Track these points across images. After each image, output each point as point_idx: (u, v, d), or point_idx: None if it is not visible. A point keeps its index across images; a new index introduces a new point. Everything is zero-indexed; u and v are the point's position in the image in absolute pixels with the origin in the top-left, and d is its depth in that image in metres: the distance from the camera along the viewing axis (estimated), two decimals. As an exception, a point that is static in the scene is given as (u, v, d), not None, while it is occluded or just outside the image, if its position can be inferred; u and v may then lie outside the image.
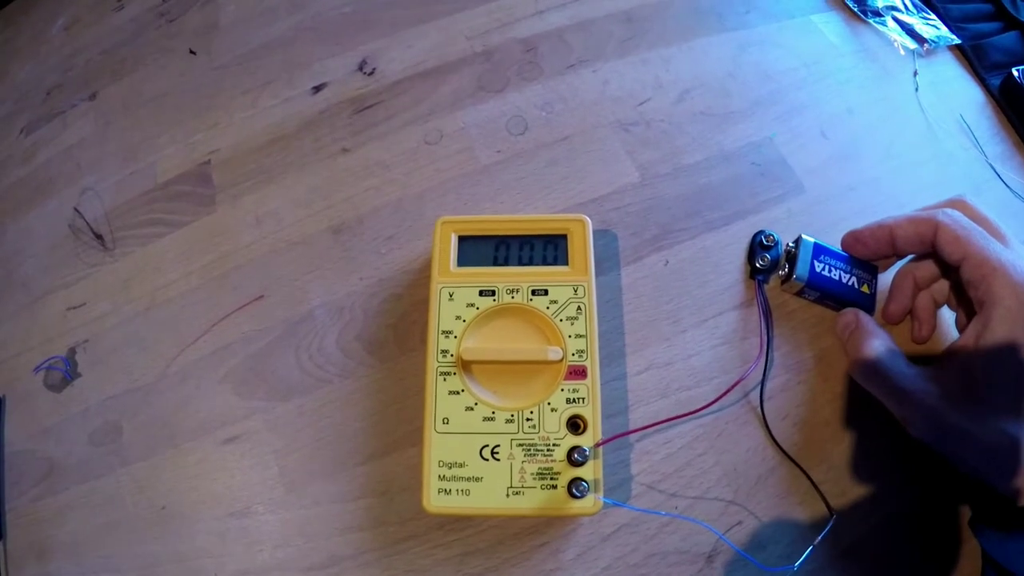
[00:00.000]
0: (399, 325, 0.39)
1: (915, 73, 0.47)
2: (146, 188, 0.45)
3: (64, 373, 0.41)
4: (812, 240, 0.37)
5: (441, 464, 0.33)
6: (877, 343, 0.34)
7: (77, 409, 0.40)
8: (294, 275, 0.41)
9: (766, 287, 0.39)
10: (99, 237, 0.44)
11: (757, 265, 0.39)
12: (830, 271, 0.37)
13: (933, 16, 0.50)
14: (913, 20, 0.50)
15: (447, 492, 0.33)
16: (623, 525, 0.35)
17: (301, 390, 0.38)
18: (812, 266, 0.37)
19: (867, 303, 0.37)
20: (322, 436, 0.37)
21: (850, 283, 0.37)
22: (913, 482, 0.36)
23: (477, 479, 0.33)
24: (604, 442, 0.33)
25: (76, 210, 0.46)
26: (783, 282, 0.38)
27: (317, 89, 0.46)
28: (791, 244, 0.38)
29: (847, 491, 0.36)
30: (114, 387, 0.40)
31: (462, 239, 0.37)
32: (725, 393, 0.35)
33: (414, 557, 0.35)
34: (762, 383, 0.37)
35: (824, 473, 0.36)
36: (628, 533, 0.35)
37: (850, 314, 0.36)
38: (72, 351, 0.42)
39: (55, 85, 0.52)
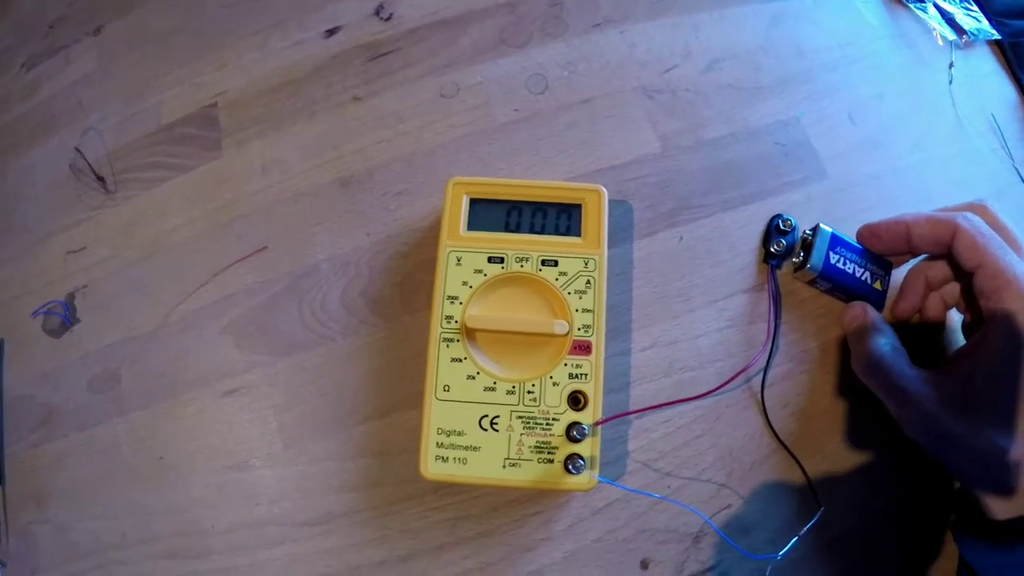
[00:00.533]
0: (405, 284, 0.37)
1: (951, 65, 0.44)
2: (150, 129, 0.43)
3: (63, 318, 0.39)
4: (830, 230, 0.35)
5: (440, 431, 0.32)
6: (882, 340, 0.32)
7: (76, 355, 0.39)
8: (300, 227, 0.38)
9: (778, 272, 0.37)
10: (101, 179, 0.41)
11: (772, 250, 0.37)
12: (844, 263, 0.35)
13: (975, 7, 0.46)
14: (954, 9, 0.46)
15: (444, 460, 0.32)
16: (615, 500, 0.34)
17: (303, 346, 0.36)
18: (827, 257, 0.35)
19: (878, 299, 0.35)
20: (322, 394, 0.36)
21: (863, 277, 0.35)
22: (903, 480, 0.35)
23: (475, 448, 0.32)
24: (603, 421, 0.31)
25: (78, 150, 0.43)
26: (796, 269, 0.36)
27: (330, 33, 0.43)
28: (808, 232, 0.36)
29: (838, 483, 0.35)
30: (113, 334, 0.39)
31: (474, 202, 0.35)
32: (728, 381, 0.34)
33: (408, 519, 0.34)
34: (765, 370, 0.35)
35: (817, 464, 0.35)
36: (619, 508, 0.34)
37: (858, 307, 0.34)
38: (71, 296, 0.40)
39: (58, 18, 0.49)
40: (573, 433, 0.31)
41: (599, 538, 0.34)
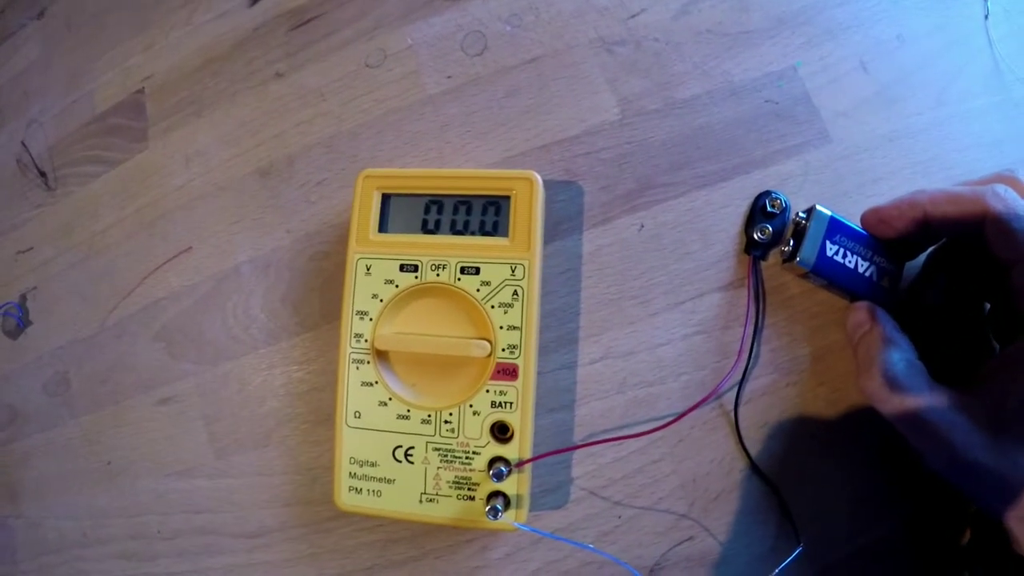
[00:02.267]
0: (324, 289, 0.30)
1: None
2: (85, 120, 0.36)
3: (17, 320, 0.35)
4: (828, 213, 0.25)
5: (352, 461, 0.26)
6: (895, 355, 0.23)
7: (31, 357, 0.35)
8: (221, 225, 0.32)
9: (763, 264, 0.28)
10: (43, 175, 0.36)
11: (755, 237, 0.27)
12: (845, 256, 0.25)
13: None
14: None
15: (358, 491, 0.26)
16: (559, 527, 0.28)
17: (228, 354, 0.31)
18: (823, 247, 0.25)
19: (885, 299, 0.26)
20: (247, 406, 0.30)
21: (868, 273, 0.25)
22: (900, 510, 0.27)
23: (389, 481, 0.26)
24: (528, 461, 0.24)
25: (23, 144, 0.38)
26: (784, 260, 0.26)
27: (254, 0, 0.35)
28: (801, 215, 0.26)
29: (822, 514, 0.27)
30: (61, 337, 0.34)
31: (386, 198, 0.27)
32: (692, 408, 0.26)
33: (340, 537, 0.29)
34: (740, 384, 0.27)
35: (798, 492, 0.27)
36: (565, 536, 0.28)
37: (863, 311, 0.25)
38: (23, 297, 0.36)
39: (7, 3, 0.42)
40: (494, 470, 0.25)
41: (539, 569, 0.27)
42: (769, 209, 0.28)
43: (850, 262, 0.25)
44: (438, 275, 0.26)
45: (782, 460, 0.27)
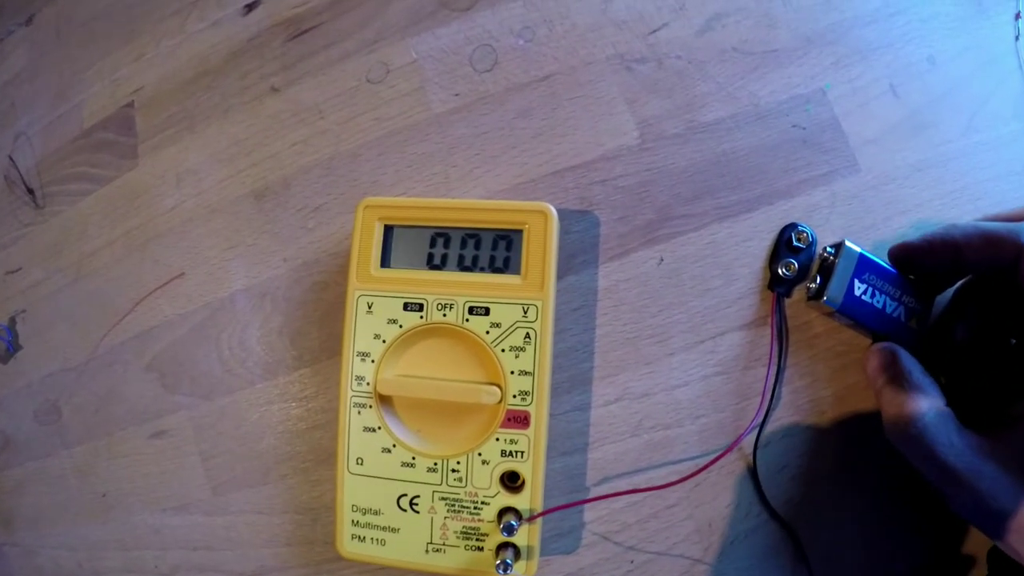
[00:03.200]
0: (324, 322, 0.27)
1: (1017, 15, 0.27)
2: (73, 134, 0.33)
3: (7, 344, 0.33)
4: (858, 250, 0.23)
5: (355, 508, 0.24)
6: (924, 403, 0.21)
7: (22, 383, 0.32)
8: (214, 250, 0.29)
9: (787, 302, 0.25)
10: (31, 192, 0.33)
11: (780, 273, 0.25)
12: (873, 295, 0.23)
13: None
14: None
15: (361, 539, 0.24)
16: (569, 575, 0.26)
17: (223, 389, 0.28)
18: (851, 286, 0.23)
19: (911, 340, 0.24)
20: (244, 443, 0.28)
21: (896, 314, 0.23)
22: (917, 552, 0.25)
23: (394, 530, 0.23)
24: (542, 514, 0.22)
25: (11, 159, 0.35)
26: (809, 297, 0.24)
27: (249, 8, 0.31)
28: (829, 250, 0.24)
29: (838, 558, 0.25)
30: (50, 364, 0.32)
31: (390, 229, 0.24)
32: (714, 461, 0.23)
33: (341, 580, 0.28)
34: (760, 427, 0.24)
35: (815, 536, 0.25)
36: (575, 583, 0.26)
37: (887, 354, 0.23)
38: (13, 320, 0.33)
39: (-3, 8, 0.39)
40: (503, 525, 0.22)
41: (549, 615, 0.26)
42: (795, 243, 0.25)
43: (878, 302, 0.23)
44: (444, 315, 0.23)
45: (799, 503, 0.25)
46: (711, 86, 0.26)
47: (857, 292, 0.23)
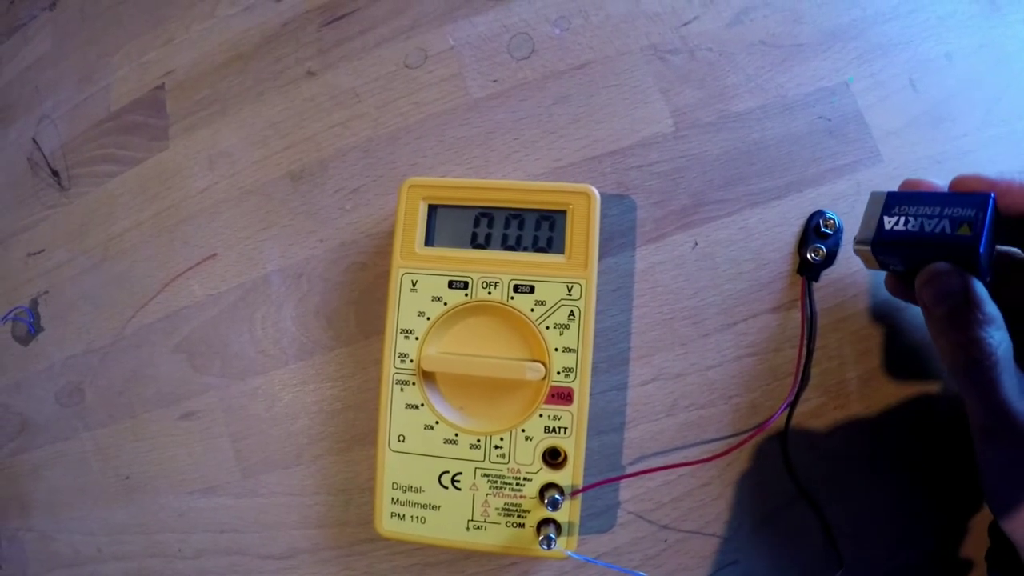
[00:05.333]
0: (361, 301, 0.27)
1: None
2: (100, 117, 0.32)
3: (28, 326, 0.31)
4: (884, 191, 0.21)
5: (395, 486, 0.23)
6: (996, 334, 0.19)
7: (42, 366, 0.31)
8: (248, 231, 0.28)
9: (815, 286, 0.25)
10: (56, 174, 0.32)
11: (808, 258, 0.24)
12: (907, 222, 0.20)
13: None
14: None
15: (401, 517, 0.23)
16: (604, 552, 0.25)
17: (256, 369, 0.27)
18: (881, 223, 0.21)
19: (968, 250, 0.19)
20: (277, 424, 0.27)
21: (938, 228, 0.20)
22: (935, 529, 0.25)
23: (435, 507, 0.23)
24: (585, 489, 0.22)
25: (34, 141, 0.33)
26: (855, 249, 0.22)
27: None
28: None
29: (863, 534, 0.25)
30: (74, 346, 0.30)
31: (433, 210, 0.24)
32: (743, 442, 0.23)
33: (373, 560, 0.26)
34: (790, 407, 0.24)
35: (840, 513, 0.24)
36: (610, 561, 0.25)
37: (955, 278, 0.19)
38: (35, 302, 0.32)
39: (19, -9, 0.38)
40: (548, 499, 0.22)
41: (584, 594, 0.26)
42: (823, 229, 0.25)
43: (913, 226, 0.20)
44: (490, 293, 0.23)
45: (827, 481, 0.25)
46: (741, 77, 0.26)
47: (888, 226, 0.21)
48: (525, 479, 0.22)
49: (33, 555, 0.31)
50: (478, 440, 0.23)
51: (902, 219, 0.21)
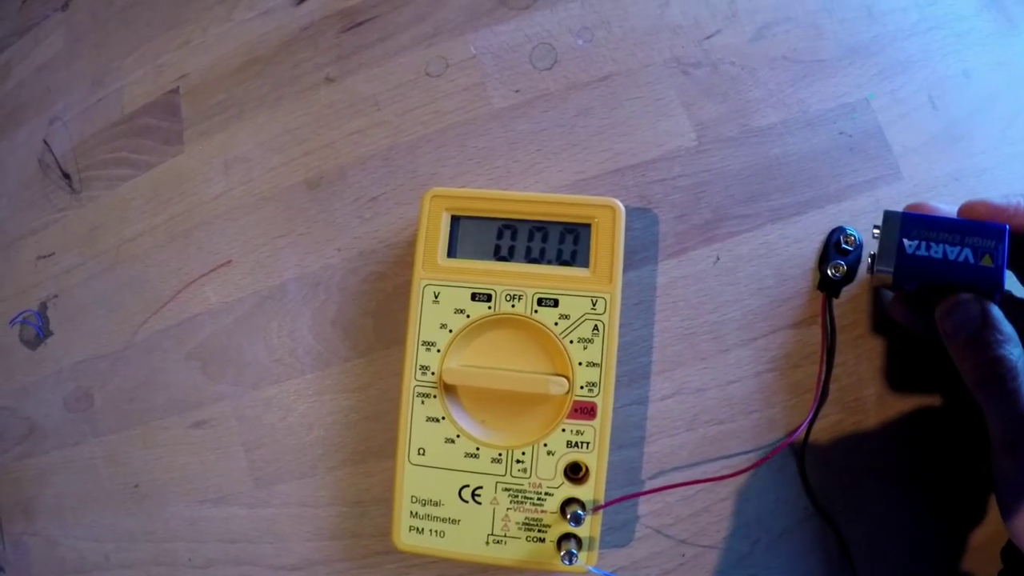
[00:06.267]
0: (380, 312, 0.26)
1: None
2: (112, 119, 0.31)
3: (37, 329, 0.30)
4: (900, 212, 0.21)
5: (414, 500, 0.22)
6: (1015, 351, 0.20)
7: (50, 370, 0.30)
8: (264, 238, 0.28)
9: (835, 302, 0.24)
10: (67, 176, 0.31)
11: (829, 274, 0.24)
12: (929, 248, 0.20)
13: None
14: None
15: (419, 531, 0.22)
16: (622, 568, 0.25)
17: (271, 378, 0.27)
18: (901, 246, 0.21)
19: (989, 282, 0.20)
20: (292, 433, 0.26)
21: (962, 258, 0.20)
22: (950, 547, 0.24)
23: (454, 521, 0.22)
24: (607, 504, 0.21)
25: (45, 143, 0.33)
26: (870, 273, 0.22)
27: None
28: (875, 229, 0.21)
29: (879, 552, 0.24)
30: (83, 351, 0.30)
31: (456, 220, 0.23)
32: (765, 459, 0.23)
33: (388, 573, 0.25)
34: (809, 423, 0.24)
35: (857, 531, 0.24)
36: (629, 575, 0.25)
37: (973, 305, 0.20)
38: (43, 305, 0.31)
39: (31, -9, 0.37)
40: (570, 516, 0.21)
41: (601, 608, 0.25)
42: (843, 245, 0.25)
43: (937, 252, 0.20)
44: (513, 306, 0.22)
45: (843, 498, 0.24)
46: (763, 92, 0.26)
47: (909, 250, 0.21)
48: (547, 494, 0.22)
49: (38, 560, 0.30)
50: (500, 454, 0.22)
51: (922, 244, 0.21)
